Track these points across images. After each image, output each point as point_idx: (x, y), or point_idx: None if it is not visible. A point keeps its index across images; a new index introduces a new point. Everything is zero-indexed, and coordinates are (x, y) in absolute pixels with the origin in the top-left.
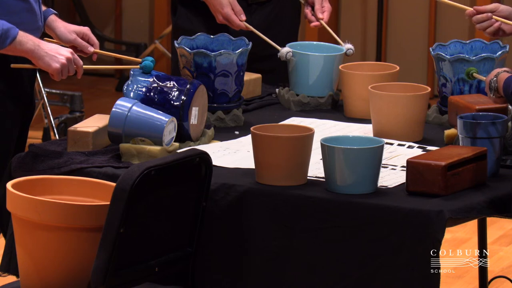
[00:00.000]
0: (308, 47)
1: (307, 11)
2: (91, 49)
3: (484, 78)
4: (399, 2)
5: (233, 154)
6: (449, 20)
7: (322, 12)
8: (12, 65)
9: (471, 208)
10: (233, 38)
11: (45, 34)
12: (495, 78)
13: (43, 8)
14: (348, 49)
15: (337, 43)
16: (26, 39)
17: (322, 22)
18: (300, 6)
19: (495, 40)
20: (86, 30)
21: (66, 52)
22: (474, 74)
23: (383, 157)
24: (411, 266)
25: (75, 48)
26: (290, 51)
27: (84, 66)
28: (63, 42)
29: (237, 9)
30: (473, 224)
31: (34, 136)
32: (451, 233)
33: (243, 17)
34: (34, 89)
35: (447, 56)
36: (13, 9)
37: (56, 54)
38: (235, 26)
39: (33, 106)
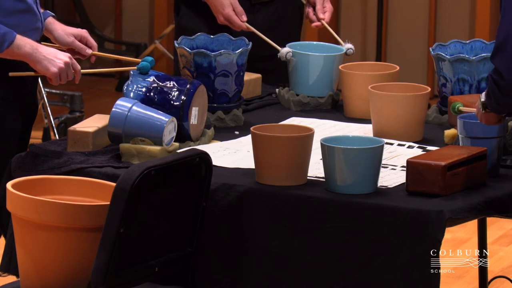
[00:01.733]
0: (308, 47)
1: (309, 10)
2: (89, 51)
3: (472, 109)
4: (399, 2)
5: (233, 154)
6: (449, 20)
7: (324, 12)
8: (11, 74)
9: (471, 208)
10: (233, 38)
11: (43, 36)
12: (481, 94)
13: (41, 10)
14: (348, 48)
15: (337, 43)
16: (24, 43)
17: (323, 22)
18: (302, 6)
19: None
20: (84, 32)
21: (64, 56)
22: (461, 108)
23: (383, 157)
24: (411, 266)
25: (73, 50)
26: (290, 51)
27: (82, 71)
28: (61, 44)
29: (238, 10)
30: (473, 224)
31: (34, 136)
32: (451, 233)
33: (244, 18)
34: (36, 89)
35: (447, 56)
36: (11, 10)
37: (54, 58)
38: (236, 27)
39: (36, 107)
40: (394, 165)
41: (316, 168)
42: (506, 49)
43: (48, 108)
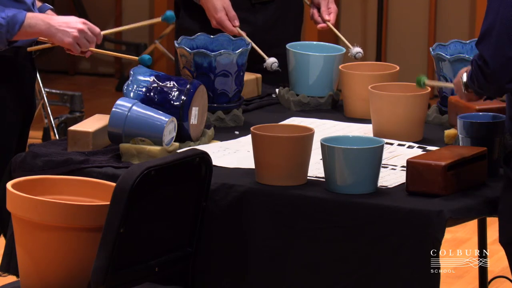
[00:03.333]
0: (308, 47)
1: (314, 12)
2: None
3: (439, 83)
4: (399, 2)
5: (233, 154)
6: (449, 20)
7: (329, 13)
8: (29, 49)
9: (471, 208)
10: (233, 38)
11: None
12: (463, 75)
13: (39, 3)
14: (357, 52)
15: (344, 45)
16: (36, 21)
17: (329, 24)
18: (303, 6)
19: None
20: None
21: (78, 23)
22: (426, 82)
23: (383, 157)
24: (411, 266)
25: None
26: (276, 62)
27: (91, 49)
28: None
29: (231, 15)
30: (473, 224)
31: (34, 136)
32: (451, 233)
33: (237, 23)
34: (34, 89)
35: (447, 56)
36: None
37: (67, 28)
38: (228, 32)
39: (34, 107)
40: (394, 165)
41: (316, 168)
42: (491, 36)
43: (48, 108)
